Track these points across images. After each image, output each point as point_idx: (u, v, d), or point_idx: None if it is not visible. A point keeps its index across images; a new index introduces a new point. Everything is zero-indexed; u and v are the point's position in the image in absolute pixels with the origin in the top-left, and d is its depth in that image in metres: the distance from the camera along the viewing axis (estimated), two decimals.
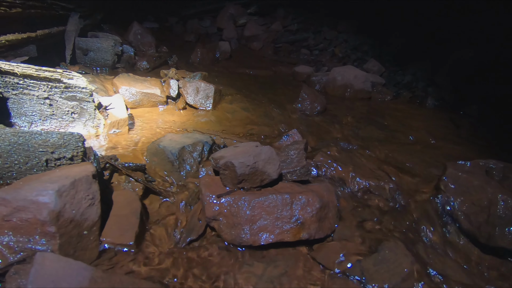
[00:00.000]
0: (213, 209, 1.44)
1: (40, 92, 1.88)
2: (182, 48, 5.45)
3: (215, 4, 8.16)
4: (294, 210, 1.43)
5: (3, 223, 1.08)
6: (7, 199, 1.08)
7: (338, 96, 3.79)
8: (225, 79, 3.97)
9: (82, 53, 3.48)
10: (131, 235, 1.31)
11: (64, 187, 1.16)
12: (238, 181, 1.48)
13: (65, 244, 1.13)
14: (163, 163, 1.78)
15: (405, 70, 4.61)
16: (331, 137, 2.59)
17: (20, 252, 1.08)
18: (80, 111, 2.03)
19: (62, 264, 0.97)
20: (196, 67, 4.51)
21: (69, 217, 1.16)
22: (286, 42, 6.22)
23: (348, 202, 1.75)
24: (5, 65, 1.72)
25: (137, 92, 2.73)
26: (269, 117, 2.91)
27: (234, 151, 1.60)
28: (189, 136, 1.97)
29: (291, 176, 1.67)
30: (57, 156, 1.44)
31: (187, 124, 2.58)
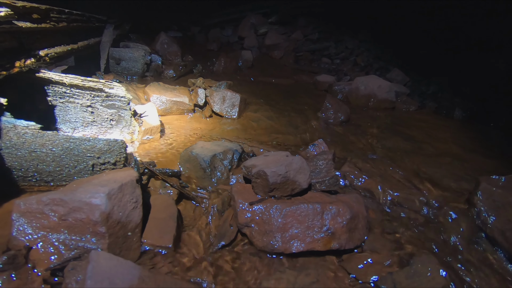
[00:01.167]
0: (245, 216, 1.49)
1: (83, 100, 2.03)
2: (205, 57, 5.62)
3: (236, 14, 8.38)
4: (325, 220, 1.45)
5: (60, 222, 1.18)
6: (64, 200, 1.18)
7: (361, 105, 3.78)
8: (248, 87, 4.06)
9: (115, 63, 3.69)
10: (170, 238, 1.39)
11: (113, 191, 1.25)
12: (270, 190, 1.53)
13: (112, 244, 1.22)
14: (196, 170, 1.86)
15: (430, 79, 4.52)
16: (356, 147, 2.59)
17: (74, 250, 1.17)
18: (118, 118, 2.17)
19: (114, 262, 1.05)
20: (220, 76, 4.65)
21: (117, 218, 1.25)
22: (307, 51, 6.27)
23: (377, 213, 1.75)
24: (55, 76, 1.88)
25: (167, 100, 2.86)
26: (293, 126, 2.95)
27: (265, 160, 1.65)
28: (219, 144, 2.05)
29: (320, 186, 1.70)
30: (102, 161, 1.55)
31: (214, 132, 2.67)
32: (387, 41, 5.72)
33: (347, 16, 6.77)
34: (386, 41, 5.72)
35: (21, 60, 1.61)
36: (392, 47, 5.55)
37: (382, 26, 5.98)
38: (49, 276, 1.11)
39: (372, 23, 6.17)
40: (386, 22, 5.93)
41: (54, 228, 1.18)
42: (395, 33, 5.70)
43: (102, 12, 5.09)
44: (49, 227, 1.17)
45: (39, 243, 1.15)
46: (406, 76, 4.65)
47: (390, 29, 5.80)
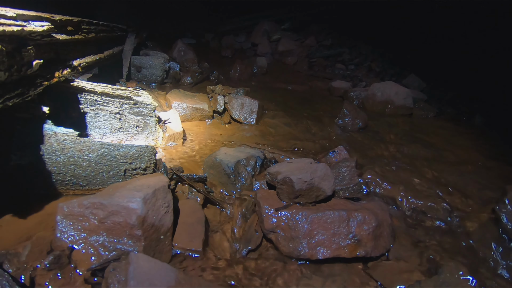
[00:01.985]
0: (271, 222, 1.53)
1: (112, 108, 2.12)
2: (220, 63, 5.73)
3: (250, 21, 8.51)
4: (350, 227, 1.47)
5: (100, 225, 1.24)
6: (104, 204, 1.25)
7: (377, 112, 3.77)
8: (264, 94, 4.11)
9: (136, 70, 3.82)
10: (199, 242, 1.43)
11: (147, 195, 1.31)
12: (295, 196, 1.56)
13: (147, 246, 1.27)
14: (220, 176, 1.91)
15: (448, 85, 4.47)
16: (375, 154, 2.59)
17: (113, 251, 1.23)
18: (143, 125, 2.25)
19: (152, 264, 1.10)
20: (235, 82, 4.73)
21: (151, 222, 1.30)
22: (321, 57, 6.30)
23: (401, 221, 1.75)
24: (88, 85, 1.98)
25: (187, 107, 2.94)
26: (310, 133, 2.98)
27: (289, 167, 1.68)
28: (242, 150, 2.09)
29: (343, 193, 1.71)
30: (134, 166, 1.62)
31: (234, 138, 2.73)
32: (402, 46, 5.68)
33: (361, 21, 6.78)
34: (401, 46, 5.69)
35: (60, 71, 1.71)
36: (408, 52, 5.51)
37: (396, 31, 5.95)
38: (89, 276, 1.17)
39: (386, 28, 6.15)
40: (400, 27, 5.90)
41: (94, 231, 1.24)
42: (410, 37, 5.67)
43: (120, 21, 5.30)
44: (89, 229, 1.24)
45: (80, 244, 1.22)
46: (422, 82, 4.61)
47: (405, 33, 5.76)
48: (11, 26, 1.28)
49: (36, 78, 1.48)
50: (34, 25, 1.50)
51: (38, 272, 1.09)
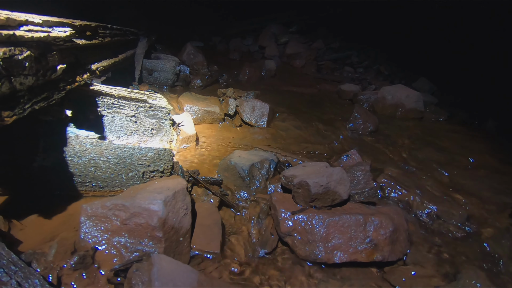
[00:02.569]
0: (287, 225, 1.54)
1: (128, 111, 2.15)
2: (228, 66, 5.76)
3: (257, 24, 8.56)
4: (367, 231, 1.47)
5: (122, 226, 1.27)
6: (126, 206, 1.28)
7: (387, 115, 3.75)
8: (273, 96, 4.13)
9: (148, 73, 3.88)
10: (217, 244, 1.45)
11: (168, 198, 1.33)
12: (311, 200, 1.57)
13: (167, 248, 1.29)
14: (234, 178, 1.93)
15: (459, 88, 4.43)
16: (387, 158, 2.58)
17: (134, 252, 1.26)
18: (158, 128, 2.28)
19: (174, 265, 1.12)
20: (244, 85, 4.76)
21: (171, 224, 1.32)
22: (329, 60, 6.31)
23: (416, 226, 1.74)
24: (106, 88, 2.02)
25: (199, 110, 2.97)
26: (321, 136, 2.98)
27: (304, 170, 1.69)
28: (255, 153, 2.11)
29: (359, 197, 1.71)
30: (152, 169, 1.65)
31: (245, 141, 2.75)
32: (411, 48, 5.66)
33: (369, 24, 6.77)
34: (410, 49, 5.66)
35: (80, 75, 1.76)
36: (417, 55, 5.49)
37: (405, 34, 5.92)
38: (112, 276, 1.19)
39: (394, 31, 6.13)
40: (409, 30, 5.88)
41: (116, 232, 1.27)
42: (419, 40, 5.64)
43: (129, 25, 5.38)
44: (112, 230, 1.27)
45: (103, 245, 1.25)
46: (433, 85, 4.58)
47: (414, 36, 5.74)
48: (38, 32, 1.32)
49: (59, 82, 1.52)
50: (58, 31, 1.54)
51: (64, 272, 1.12)
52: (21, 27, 1.22)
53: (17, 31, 1.16)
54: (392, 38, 6.12)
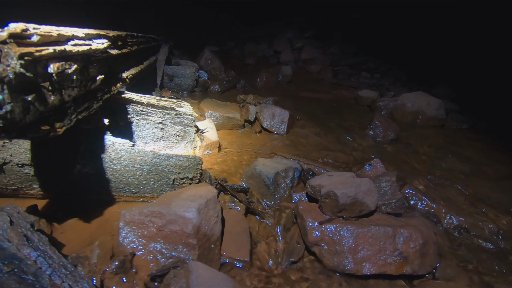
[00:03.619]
0: (314, 235, 1.55)
1: (156, 118, 2.22)
2: (244, 71, 5.83)
3: (272, 29, 8.62)
4: (396, 243, 1.46)
5: (158, 233, 1.32)
6: (162, 213, 1.32)
7: (407, 123, 3.71)
8: (290, 102, 4.15)
9: (169, 79, 3.98)
10: (246, 252, 1.48)
11: (201, 206, 1.37)
12: (339, 210, 1.57)
13: (201, 255, 1.33)
14: (259, 186, 1.95)
15: (482, 95, 4.33)
16: (410, 167, 2.56)
17: (170, 259, 1.30)
18: (183, 134, 2.34)
19: (210, 273, 1.16)
20: (261, 90, 4.80)
21: (204, 231, 1.36)
22: (345, 65, 6.28)
23: (444, 239, 1.72)
24: (136, 96, 2.10)
25: (220, 116, 3.03)
26: (341, 143, 2.97)
27: (331, 180, 1.70)
28: (279, 161, 2.13)
29: (385, 208, 1.71)
30: (182, 176, 1.70)
31: (266, 148, 2.77)
32: (430, 54, 5.57)
33: (386, 29, 6.71)
34: (429, 54, 5.57)
35: (114, 84, 1.83)
36: (437, 61, 5.39)
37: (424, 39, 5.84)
38: (149, 281, 1.24)
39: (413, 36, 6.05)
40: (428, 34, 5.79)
41: (153, 238, 1.31)
42: (439, 45, 5.55)
43: (147, 31, 5.52)
44: (148, 236, 1.31)
45: (141, 250, 1.30)
46: (453, 92, 4.49)
47: (434, 41, 5.65)
48: (82, 46, 1.39)
49: (98, 92, 1.59)
50: (97, 43, 1.62)
51: (106, 276, 1.17)
52: (68, 41, 1.30)
53: (66, 46, 1.24)
54: (410, 43, 6.04)
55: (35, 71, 0.99)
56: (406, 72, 5.65)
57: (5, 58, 0.88)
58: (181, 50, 5.93)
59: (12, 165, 1.46)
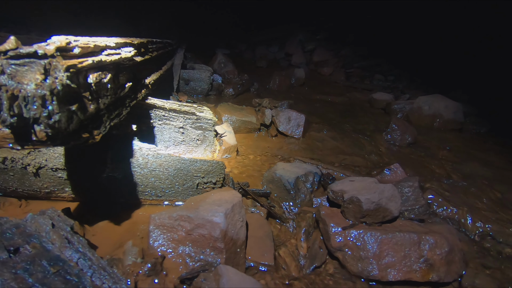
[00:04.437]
0: (338, 240, 1.56)
1: (177, 122, 2.27)
2: (256, 74, 5.86)
3: (283, 31, 8.64)
4: (422, 250, 1.46)
5: (187, 236, 1.35)
6: (190, 217, 1.36)
7: (424, 126, 3.66)
8: (304, 105, 4.16)
9: (184, 83, 4.05)
10: (271, 257, 1.50)
11: (227, 210, 1.40)
12: (362, 216, 1.58)
13: (228, 259, 1.36)
14: (279, 190, 1.97)
15: (502, 97, 4.23)
16: (429, 172, 2.53)
17: (198, 262, 1.33)
18: (203, 138, 2.39)
19: (240, 277, 1.18)
20: (274, 93, 4.82)
21: (230, 235, 1.39)
22: (358, 67, 6.24)
23: (469, 246, 1.70)
24: (159, 102, 2.15)
25: (236, 120, 3.07)
26: (358, 147, 2.97)
27: (353, 186, 1.71)
28: (298, 165, 2.15)
29: (408, 214, 1.70)
30: (205, 180, 1.73)
31: (282, 151, 2.79)
32: (446, 56, 5.48)
33: (399, 31, 6.63)
34: (445, 56, 5.48)
35: (139, 90, 1.89)
36: (453, 62, 5.30)
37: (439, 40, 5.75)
38: (179, 284, 1.27)
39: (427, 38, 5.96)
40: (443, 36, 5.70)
41: (181, 241, 1.35)
42: (455, 47, 5.45)
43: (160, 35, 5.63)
44: (177, 240, 1.35)
45: (170, 253, 1.33)
46: (471, 94, 4.40)
47: (449, 43, 5.55)
48: (113, 55, 1.45)
49: (126, 99, 1.65)
50: (125, 51, 1.68)
51: (139, 277, 1.21)
52: (103, 52, 1.35)
53: (101, 56, 1.29)
54: (425, 44, 5.96)
55: (78, 82, 1.04)
56: (421, 74, 5.57)
57: (53, 71, 0.94)
58: (193, 54, 6.01)
59: (47, 169, 1.53)
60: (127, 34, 2.20)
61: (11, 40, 0.89)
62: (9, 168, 1.50)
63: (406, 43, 6.24)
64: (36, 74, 0.90)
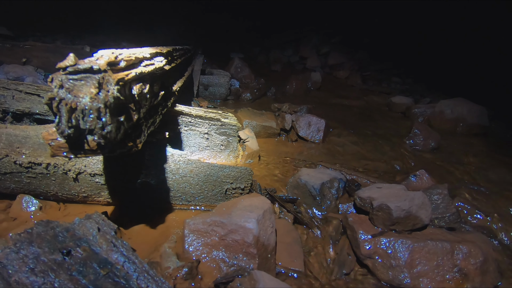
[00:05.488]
0: (367, 247, 1.55)
1: (202, 128, 2.33)
2: (271, 78, 5.90)
3: (297, 35, 8.66)
4: (455, 259, 1.44)
5: (220, 241, 1.39)
6: (224, 222, 1.40)
7: (446, 130, 3.59)
8: (322, 110, 4.15)
9: (204, 88, 4.13)
10: (301, 263, 1.51)
11: (259, 216, 1.43)
12: (391, 223, 1.57)
13: (260, 264, 1.39)
14: (304, 196, 1.99)
15: None
16: (455, 178, 2.48)
17: (231, 267, 1.37)
18: (227, 144, 2.43)
19: (275, 283, 1.20)
20: (291, 97, 4.84)
21: (262, 241, 1.42)
22: (374, 70, 6.18)
23: (502, 256, 1.66)
24: (186, 108, 2.22)
25: (257, 125, 3.10)
26: (380, 152, 2.94)
27: (381, 193, 1.70)
28: (322, 171, 2.16)
29: (438, 222, 1.68)
30: (234, 186, 1.77)
31: (303, 156, 2.80)
32: (467, 58, 5.35)
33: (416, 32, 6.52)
34: (466, 59, 5.35)
35: (169, 98, 1.96)
36: (476, 64, 5.17)
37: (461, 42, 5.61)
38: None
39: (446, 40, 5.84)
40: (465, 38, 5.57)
41: (215, 246, 1.39)
42: (477, 49, 5.31)
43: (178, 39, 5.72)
44: (211, 244, 1.39)
45: (205, 258, 1.37)
46: (497, 97, 4.28)
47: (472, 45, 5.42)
48: (150, 66, 1.51)
49: (158, 107, 1.71)
50: (157, 61, 1.75)
51: (178, 281, 1.25)
52: (141, 63, 1.42)
53: (141, 67, 1.36)
54: (445, 46, 5.84)
55: (125, 94, 1.10)
56: (441, 76, 5.46)
57: (106, 85, 1.00)
58: (208, 58, 6.12)
59: (85, 175, 1.60)
60: (146, 40, 2.29)
61: (71, 57, 0.95)
62: (51, 173, 1.58)
63: (425, 45, 6.13)
64: (91, 88, 0.97)
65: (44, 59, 3.69)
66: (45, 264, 0.98)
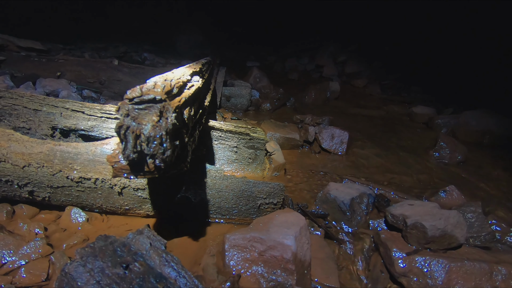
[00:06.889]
0: (401, 265, 1.57)
1: (232, 142, 2.41)
2: (289, 87, 5.94)
3: (313, 43, 8.71)
4: (494, 281, 1.43)
5: (259, 257, 1.45)
6: (262, 239, 1.45)
7: (472, 142, 3.53)
8: (342, 120, 4.17)
9: (226, 99, 4.23)
10: (336, 279, 1.54)
11: (296, 233, 1.48)
12: (426, 242, 1.58)
13: (298, 280, 1.43)
14: (334, 211, 2.02)
15: None
16: (486, 193, 2.44)
17: (270, 282, 1.42)
18: (254, 157, 2.50)
19: None
20: (310, 107, 4.88)
21: (299, 257, 1.46)
22: (393, 79, 6.14)
23: None
24: (217, 124, 2.31)
25: (280, 137, 3.16)
26: (405, 165, 2.93)
27: (414, 210, 1.72)
28: (350, 186, 2.18)
29: (473, 241, 1.68)
30: (267, 201, 1.83)
31: (328, 169, 2.83)
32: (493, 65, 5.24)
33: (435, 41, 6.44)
34: (491, 66, 5.24)
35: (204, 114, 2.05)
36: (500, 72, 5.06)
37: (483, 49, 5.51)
38: None
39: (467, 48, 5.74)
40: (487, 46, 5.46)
41: (254, 261, 1.45)
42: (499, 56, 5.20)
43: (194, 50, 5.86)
44: (250, 260, 1.45)
45: (245, 273, 1.43)
46: None
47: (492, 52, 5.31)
48: (192, 88, 1.61)
49: (196, 124, 1.80)
50: (194, 81, 1.84)
51: None
52: (186, 86, 1.52)
53: (187, 91, 1.45)
54: (466, 55, 5.74)
55: (180, 119, 1.19)
56: (463, 85, 5.36)
57: (165, 113, 1.09)
58: (227, 68, 6.25)
59: (129, 189, 1.70)
60: (165, 51, 2.39)
61: (137, 89, 1.05)
62: (98, 187, 1.69)
63: (445, 54, 6.05)
64: (153, 116, 1.05)
65: (77, 72, 3.90)
66: (109, 277, 1.07)
